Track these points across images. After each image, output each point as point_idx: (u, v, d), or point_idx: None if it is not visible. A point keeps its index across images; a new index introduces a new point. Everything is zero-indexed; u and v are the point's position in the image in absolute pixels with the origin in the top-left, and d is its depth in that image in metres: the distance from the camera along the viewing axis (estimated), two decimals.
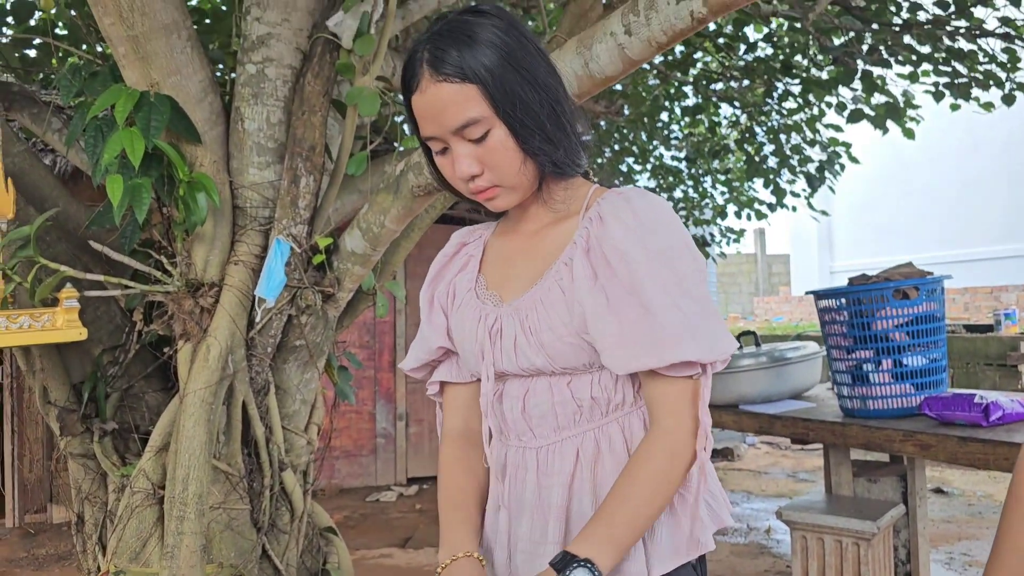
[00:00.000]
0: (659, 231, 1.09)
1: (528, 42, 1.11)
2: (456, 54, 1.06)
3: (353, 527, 5.29)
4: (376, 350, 6.58)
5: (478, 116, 1.07)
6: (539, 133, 1.09)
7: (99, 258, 2.35)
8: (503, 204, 1.16)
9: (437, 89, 1.07)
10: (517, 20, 1.13)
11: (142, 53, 2.04)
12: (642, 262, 1.07)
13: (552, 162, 1.12)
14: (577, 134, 1.15)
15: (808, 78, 5.24)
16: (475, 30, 1.08)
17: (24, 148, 2.58)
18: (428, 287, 1.33)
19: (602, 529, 1.03)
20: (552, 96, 1.11)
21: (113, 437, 2.52)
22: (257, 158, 2.27)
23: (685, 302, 1.06)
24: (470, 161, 1.10)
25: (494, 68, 1.06)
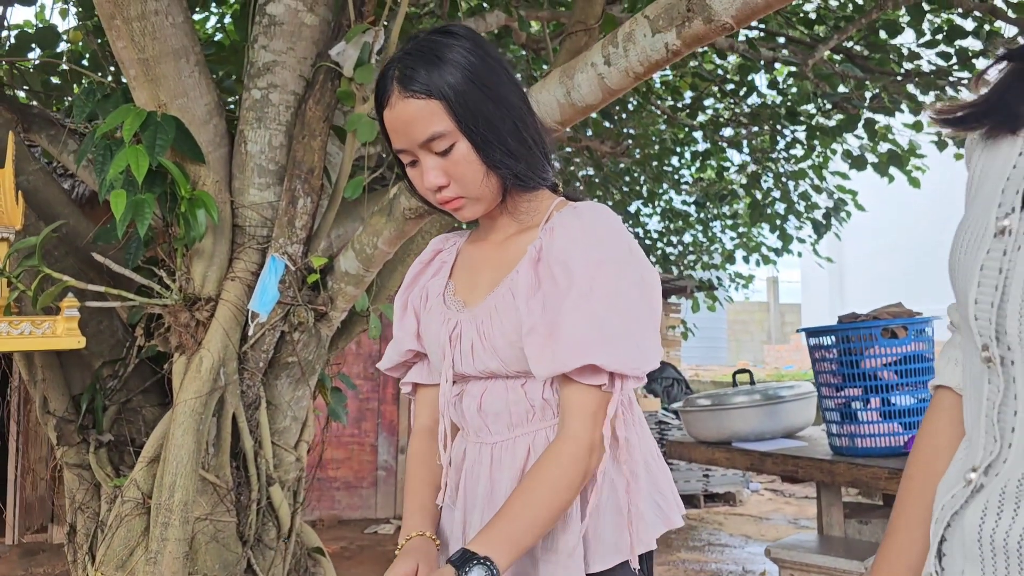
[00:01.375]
0: (603, 243, 1.14)
1: (493, 62, 1.18)
2: (423, 72, 1.13)
3: (350, 558, 5.28)
4: (380, 382, 6.62)
5: (442, 130, 1.14)
6: (500, 147, 1.15)
7: (104, 275, 2.44)
8: (469, 214, 1.23)
9: (405, 104, 1.14)
10: (484, 41, 1.21)
11: (152, 76, 2.13)
12: (578, 271, 1.12)
13: (514, 175, 1.18)
14: (541, 149, 1.21)
15: (813, 125, 5.32)
16: (442, 50, 1.15)
17: (39, 167, 2.69)
18: (403, 292, 1.40)
19: (503, 527, 1.06)
20: (515, 113, 1.17)
21: (108, 449, 2.57)
22: (258, 179, 2.35)
23: (607, 312, 1.10)
24: (436, 173, 1.17)
25: (458, 85, 1.13)
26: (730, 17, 1.46)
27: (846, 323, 2.98)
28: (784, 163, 6.27)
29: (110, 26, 2.09)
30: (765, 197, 6.54)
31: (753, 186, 6.53)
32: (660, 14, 1.55)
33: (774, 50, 4.42)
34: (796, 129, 5.61)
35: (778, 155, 6.17)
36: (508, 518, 1.07)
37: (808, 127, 5.33)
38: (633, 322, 1.12)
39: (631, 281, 1.14)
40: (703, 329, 10.98)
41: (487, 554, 1.03)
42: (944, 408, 0.91)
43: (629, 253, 1.16)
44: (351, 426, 6.49)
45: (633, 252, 1.17)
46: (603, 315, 1.10)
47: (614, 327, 1.10)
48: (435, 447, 1.33)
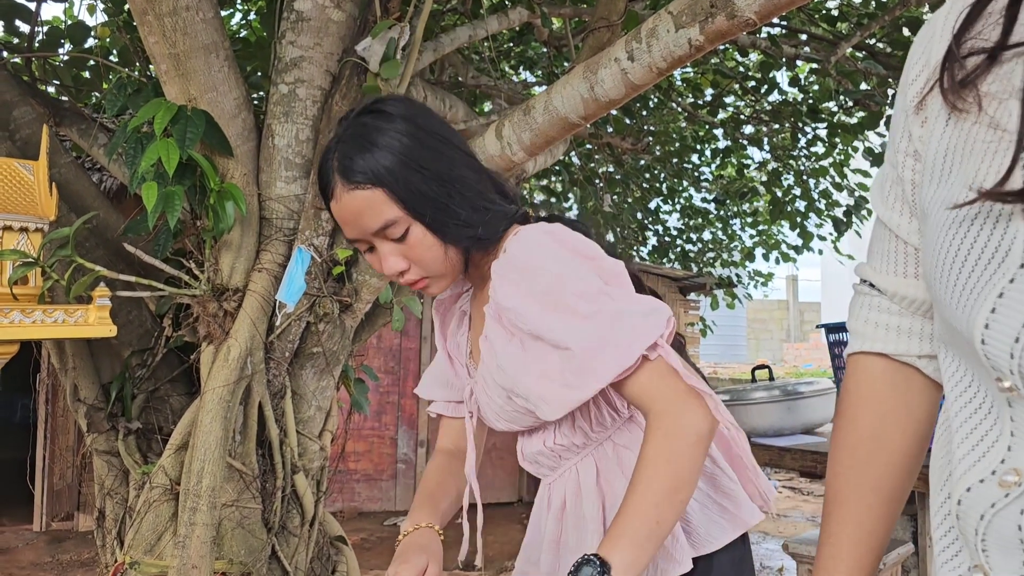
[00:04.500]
0: (537, 272, 1.11)
1: (429, 137, 1.14)
2: (361, 162, 1.10)
3: (369, 549, 5.34)
4: (400, 376, 6.68)
5: (393, 218, 1.11)
6: (453, 222, 1.13)
7: (134, 266, 2.49)
8: (437, 290, 1.22)
9: (351, 197, 1.12)
10: (418, 113, 1.17)
11: (182, 70, 2.18)
12: (534, 308, 1.09)
13: (474, 241, 1.17)
14: (499, 204, 1.19)
15: (834, 122, 5.30)
16: (374, 136, 1.12)
17: (70, 160, 2.74)
18: (439, 333, 1.42)
19: (617, 524, 1.03)
20: (462, 184, 1.14)
21: (137, 436, 2.63)
22: (285, 172, 2.39)
23: (586, 323, 1.07)
24: (395, 259, 1.15)
25: (397, 170, 1.10)
26: (753, 13, 1.48)
27: None
28: (805, 160, 6.26)
29: (142, 21, 2.13)
30: (785, 194, 6.53)
31: (773, 183, 6.52)
32: (683, 10, 1.57)
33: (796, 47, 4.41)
34: (817, 126, 5.59)
35: (799, 152, 6.15)
36: (622, 514, 1.03)
37: (829, 124, 5.31)
38: (614, 312, 1.07)
39: (583, 286, 1.10)
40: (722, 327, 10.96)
41: (600, 553, 1.00)
42: (879, 373, 0.89)
43: (563, 262, 1.12)
44: (371, 419, 6.54)
45: (566, 258, 1.12)
46: (586, 328, 1.07)
47: (604, 328, 1.06)
48: (454, 465, 1.37)
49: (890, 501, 0.88)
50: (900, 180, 0.83)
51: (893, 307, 0.88)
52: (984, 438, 0.73)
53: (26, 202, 2.09)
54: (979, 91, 0.71)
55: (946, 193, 0.73)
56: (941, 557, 0.77)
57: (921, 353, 0.87)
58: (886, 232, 0.87)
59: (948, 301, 0.72)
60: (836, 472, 0.91)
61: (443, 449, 1.42)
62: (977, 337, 0.68)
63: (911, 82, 0.81)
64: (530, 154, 1.95)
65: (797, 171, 6.33)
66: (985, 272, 0.68)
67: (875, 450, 0.88)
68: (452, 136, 1.19)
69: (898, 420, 0.88)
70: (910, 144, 0.81)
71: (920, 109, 0.79)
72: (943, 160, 0.75)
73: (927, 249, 0.75)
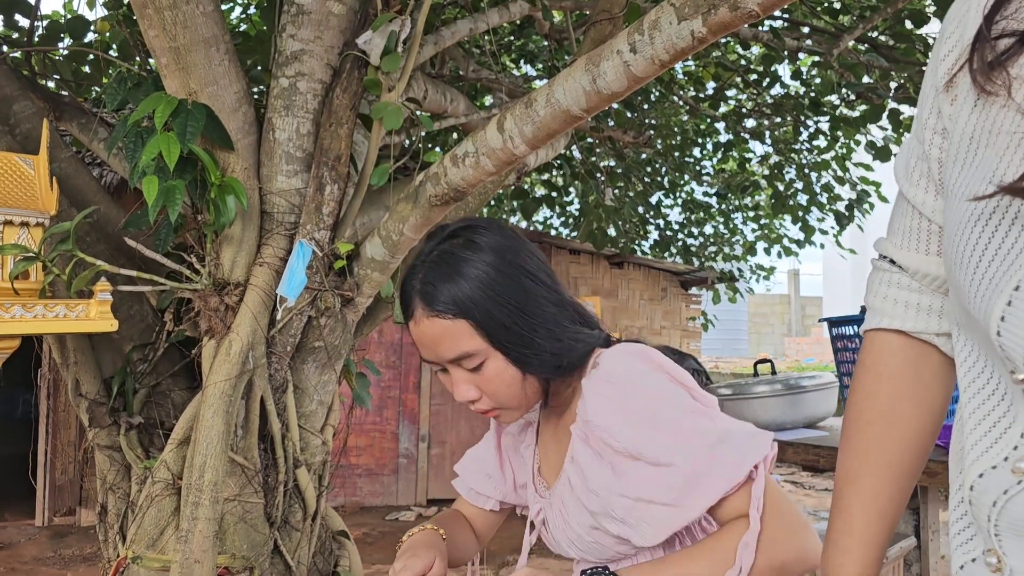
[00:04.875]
0: (633, 388, 1.09)
1: (517, 272, 1.13)
2: (446, 291, 1.09)
3: (371, 543, 5.34)
4: (402, 371, 6.68)
5: (471, 351, 1.10)
6: (535, 356, 1.12)
7: (135, 261, 2.48)
8: (507, 420, 1.20)
9: (430, 324, 1.10)
10: (508, 247, 1.15)
11: (182, 64, 2.17)
12: (630, 424, 1.07)
13: (556, 372, 1.15)
14: (580, 328, 1.17)
15: (836, 116, 5.29)
16: (461, 267, 1.11)
17: (71, 155, 2.74)
18: (495, 433, 1.40)
19: (654, 564, 1.05)
20: (547, 318, 1.13)
21: (139, 431, 2.62)
22: (286, 166, 2.39)
23: (690, 441, 1.05)
24: (468, 387, 1.14)
25: (482, 303, 1.09)
26: (756, 4, 1.47)
27: None
28: (807, 154, 6.24)
29: (142, 15, 2.13)
30: (787, 188, 6.52)
31: (775, 177, 6.51)
32: (686, 2, 1.56)
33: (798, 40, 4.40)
34: (819, 120, 5.58)
35: (801, 146, 6.14)
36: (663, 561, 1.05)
37: (832, 118, 5.30)
38: (715, 437, 1.05)
39: (682, 409, 1.08)
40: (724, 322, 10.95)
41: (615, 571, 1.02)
42: (896, 350, 0.89)
43: (662, 385, 1.10)
44: (373, 414, 6.55)
45: (664, 382, 1.11)
46: (688, 452, 1.04)
47: (704, 456, 1.04)
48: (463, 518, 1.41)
49: (903, 477, 0.88)
50: (926, 157, 0.82)
51: (913, 284, 0.88)
52: (996, 424, 0.72)
53: (27, 197, 2.08)
54: (1009, 74, 0.69)
55: (969, 179, 0.72)
56: (956, 540, 0.77)
57: (939, 331, 0.87)
58: (909, 208, 0.86)
59: (966, 288, 0.71)
60: (849, 447, 0.90)
61: (460, 511, 1.43)
62: (993, 328, 0.67)
63: (942, 58, 0.79)
64: (532, 147, 1.94)
65: (799, 165, 6.31)
66: (1003, 264, 0.67)
67: (890, 426, 0.88)
68: (538, 270, 1.16)
69: (914, 397, 0.87)
70: (939, 121, 0.80)
71: (950, 87, 0.78)
72: (968, 143, 0.74)
73: (948, 232, 0.75)
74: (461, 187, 2.08)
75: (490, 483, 1.39)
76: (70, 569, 4.56)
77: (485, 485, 1.40)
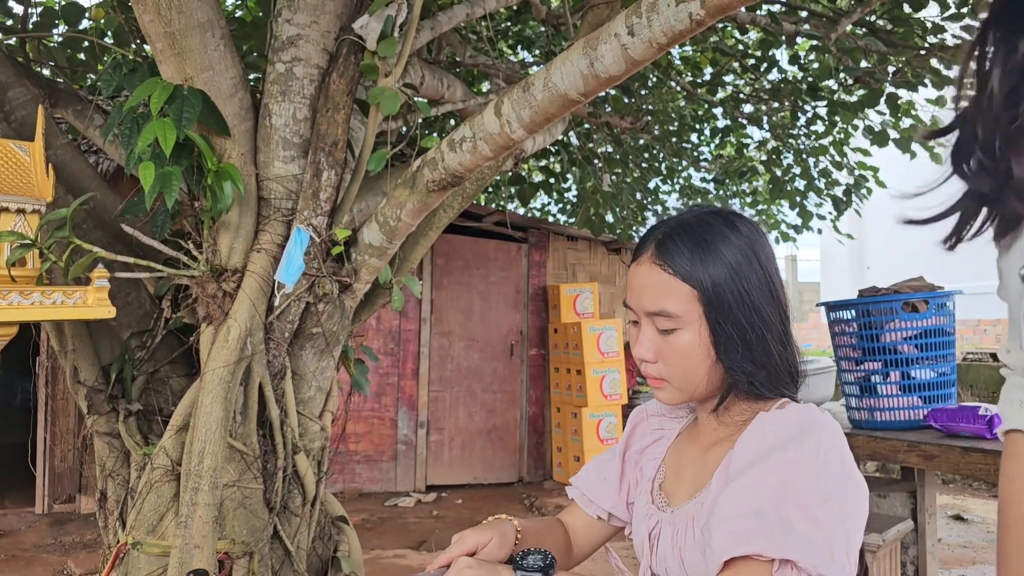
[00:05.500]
0: (790, 441, 1.04)
1: (762, 271, 1.13)
2: (686, 251, 1.10)
3: (370, 529, 5.36)
4: (400, 358, 6.68)
5: (672, 312, 1.10)
6: (741, 351, 1.10)
7: (132, 248, 2.48)
8: (665, 398, 1.19)
9: (650, 270, 1.12)
10: (762, 243, 1.15)
11: (178, 49, 2.16)
12: (762, 463, 1.02)
13: (750, 380, 1.12)
14: (789, 366, 1.14)
15: (834, 100, 5.28)
16: (715, 240, 1.11)
17: (66, 142, 2.73)
18: (628, 435, 1.39)
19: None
20: (766, 324, 1.11)
21: (137, 418, 2.63)
22: (283, 152, 2.38)
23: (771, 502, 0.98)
24: (649, 346, 1.14)
25: (720, 278, 1.09)
26: None
27: (867, 297, 2.98)
28: (804, 139, 6.23)
29: (137, 0, 2.11)
30: (785, 174, 6.51)
31: (773, 163, 6.50)
32: None
33: (796, 24, 4.38)
34: (817, 105, 5.57)
35: (799, 131, 6.12)
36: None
37: (829, 102, 5.28)
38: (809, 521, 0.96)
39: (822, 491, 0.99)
40: None
41: None
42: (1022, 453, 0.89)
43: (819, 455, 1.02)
44: (371, 400, 6.56)
45: (831, 460, 1.02)
46: (765, 504, 0.98)
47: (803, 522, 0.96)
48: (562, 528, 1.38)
49: None
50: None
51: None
52: None
53: (22, 183, 2.08)
54: None
55: None
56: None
57: None
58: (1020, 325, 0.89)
59: None
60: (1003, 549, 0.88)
61: (561, 520, 1.42)
62: None
63: None
64: (529, 131, 1.93)
65: (796, 150, 6.30)
66: None
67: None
68: (780, 285, 1.16)
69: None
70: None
71: None
72: None
73: None
74: (459, 172, 2.08)
75: (604, 488, 1.37)
76: (70, 556, 4.57)
77: (599, 491, 1.38)
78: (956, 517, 5.58)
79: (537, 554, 1.03)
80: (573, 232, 7.55)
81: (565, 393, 7.05)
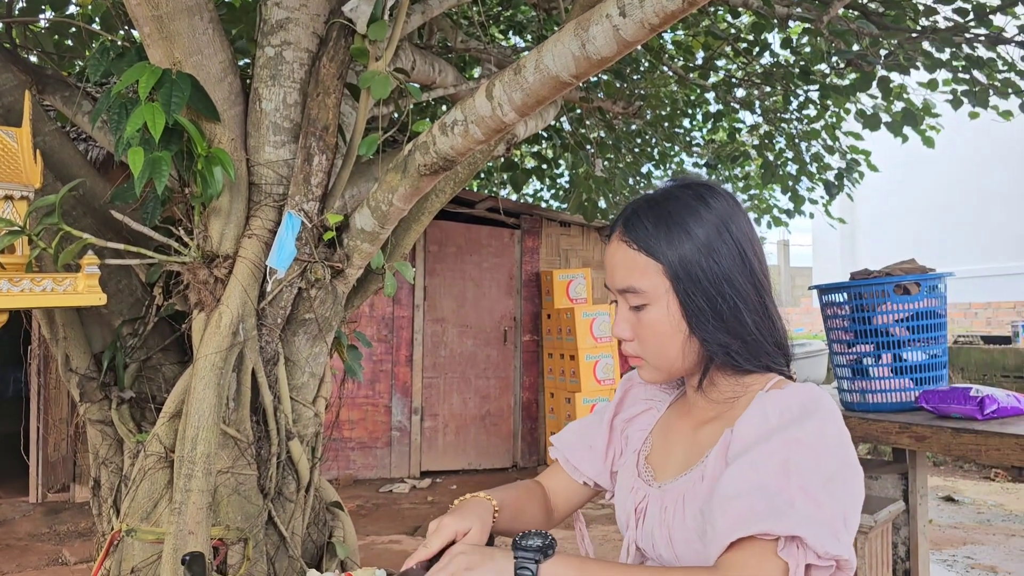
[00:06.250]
0: (792, 422, 1.03)
1: (734, 243, 1.12)
2: (651, 227, 1.11)
3: (365, 515, 5.37)
4: (394, 344, 6.68)
5: (640, 288, 1.11)
6: (714, 322, 1.09)
7: (123, 235, 2.46)
8: (646, 376, 1.19)
9: (618, 247, 1.14)
10: (735, 214, 1.14)
11: (166, 33, 2.14)
12: (765, 443, 1.02)
13: (726, 352, 1.11)
14: (767, 334, 1.13)
15: (826, 84, 5.27)
16: (683, 214, 1.11)
17: (55, 128, 2.70)
18: (616, 403, 1.38)
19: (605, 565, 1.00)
20: (741, 295, 1.10)
21: (130, 405, 2.62)
22: (273, 137, 2.36)
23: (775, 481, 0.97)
24: (624, 325, 1.15)
25: (689, 254, 1.09)
26: None
27: (858, 279, 2.98)
28: (796, 123, 6.22)
29: None
30: (777, 158, 6.50)
31: (765, 147, 6.49)
32: None
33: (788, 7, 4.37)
34: (809, 89, 5.56)
35: (791, 115, 6.12)
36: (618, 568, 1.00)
37: (821, 86, 5.28)
38: (831, 504, 0.96)
39: (831, 469, 0.99)
40: None
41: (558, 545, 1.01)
42: None
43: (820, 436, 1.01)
44: (365, 387, 6.56)
45: (832, 441, 1.02)
46: (769, 484, 0.97)
47: (782, 497, 0.96)
48: (543, 500, 1.37)
49: None
50: None
51: None
52: None
53: (10, 169, 2.06)
54: None
55: None
56: None
57: None
58: None
59: None
60: None
61: (540, 483, 1.41)
62: None
63: None
64: (521, 114, 1.92)
65: (788, 134, 6.30)
66: None
67: None
68: (754, 255, 1.14)
69: None
70: None
71: None
72: None
73: None
74: (450, 156, 2.07)
75: (589, 456, 1.37)
76: (65, 544, 4.57)
77: (583, 457, 1.38)
78: (947, 498, 5.62)
79: (537, 536, 1.02)
80: (566, 218, 7.54)
81: (559, 379, 7.06)
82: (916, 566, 3.43)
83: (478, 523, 1.17)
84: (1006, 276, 11.36)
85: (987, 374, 6.58)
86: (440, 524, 1.15)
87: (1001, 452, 2.36)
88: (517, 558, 1.00)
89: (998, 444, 2.37)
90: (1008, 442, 2.35)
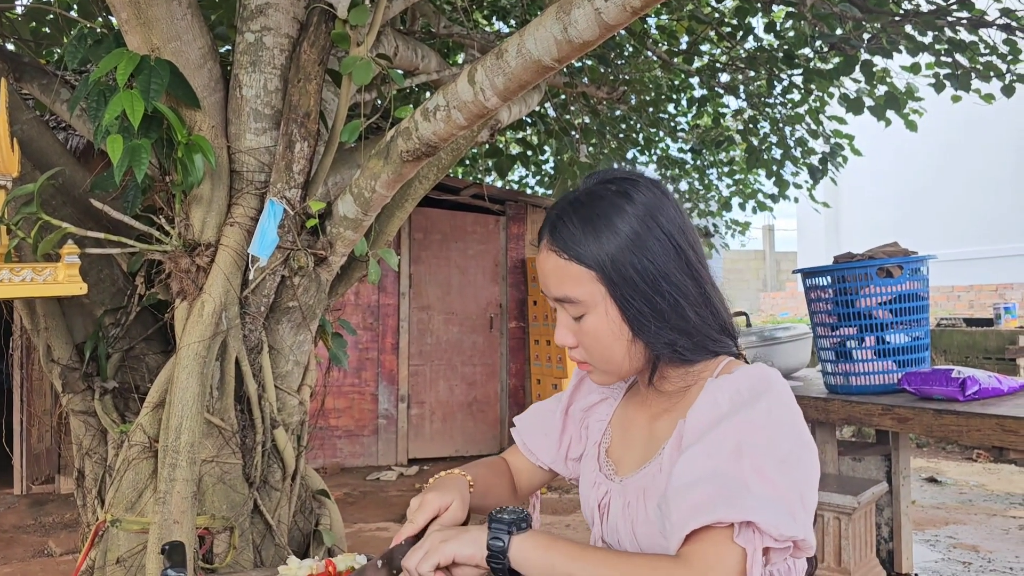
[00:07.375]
0: (744, 405, 1.02)
1: (664, 231, 1.08)
2: (578, 232, 1.08)
3: (353, 503, 5.38)
4: (379, 332, 6.67)
5: (575, 298, 1.09)
6: (655, 322, 1.07)
7: (103, 224, 2.44)
8: (597, 380, 1.18)
9: (548, 256, 1.12)
10: (661, 204, 1.10)
11: (143, 19, 2.11)
12: (717, 428, 1.01)
13: (673, 350, 1.09)
14: (711, 322, 1.12)
15: (810, 68, 5.28)
16: (608, 214, 1.08)
17: (32, 116, 2.67)
18: (572, 391, 1.38)
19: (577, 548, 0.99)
20: (679, 289, 1.08)
21: (113, 396, 2.60)
22: (254, 124, 2.34)
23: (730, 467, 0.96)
24: (565, 332, 1.14)
25: (618, 254, 1.06)
26: None
27: (842, 263, 3.00)
28: (780, 108, 6.23)
29: None
30: (761, 143, 6.52)
31: (749, 132, 6.50)
32: None
33: None
34: (793, 73, 5.57)
35: (775, 100, 6.13)
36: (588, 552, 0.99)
37: (805, 70, 5.29)
38: (788, 487, 0.96)
39: (786, 450, 0.98)
40: None
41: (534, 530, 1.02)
42: None
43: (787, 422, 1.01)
44: (351, 375, 6.55)
45: (784, 421, 1.02)
46: (722, 469, 0.96)
47: (737, 481, 0.95)
48: (507, 468, 1.40)
49: None
50: None
51: None
52: None
53: None
54: None
55: None
56: None
57: None
58: None
59: None
60: None
61: (506, 459, 1.43)
62: None
63: None
64: (504, 99, 1.91)
65: (772, 119, 6.31)
66: None
67: None
68: (687, 243, 1.11)
69: None
70: None
71: None
72: None
73: None
74: (432, 142, 2.06)
75: (545, 443, 1.38)
76: (51, 536, 4.55)
77: (540, 444, 1.38)
78: (930, 479, 5.68)
79: (512, 512, 1.04)
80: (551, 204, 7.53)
81: (545, 365, 7.07)
82: (899, 546, 3.47)
83: (459, 497, 1.18)
84: (988, 259, 11.46)
85: (969, 356, 6.64)
86: (423, 500, 1.17)
87: (982, 433, 2.39)
88: (491, 528, 1.02)
89: (979, 425, 2.39)
90: (989, 423, 2.37)
